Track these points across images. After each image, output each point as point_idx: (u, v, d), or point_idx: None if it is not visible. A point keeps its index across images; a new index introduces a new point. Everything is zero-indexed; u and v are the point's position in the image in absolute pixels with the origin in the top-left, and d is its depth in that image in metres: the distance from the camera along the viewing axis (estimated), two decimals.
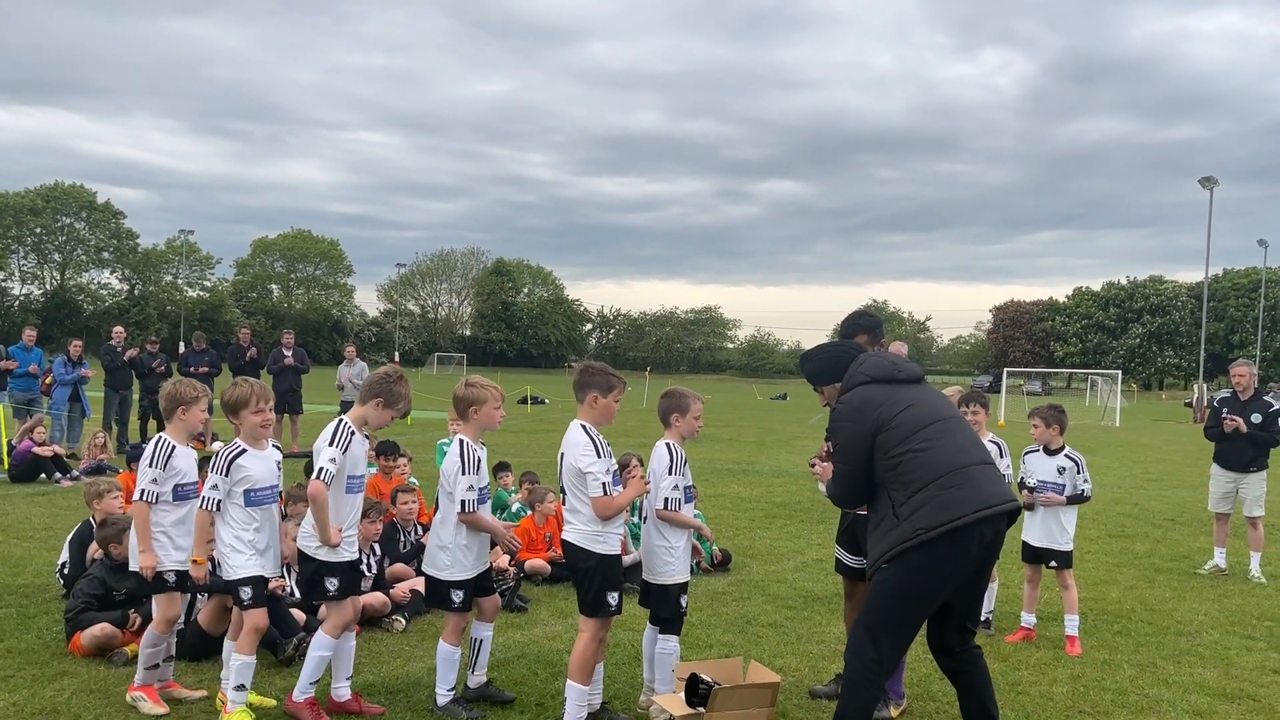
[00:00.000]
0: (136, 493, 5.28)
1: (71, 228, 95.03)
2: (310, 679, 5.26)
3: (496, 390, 5.64)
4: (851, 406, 4.84)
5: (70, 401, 16.78)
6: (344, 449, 5.22)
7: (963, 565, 4.56)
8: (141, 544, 5.28)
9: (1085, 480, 7.37)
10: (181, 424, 5.46)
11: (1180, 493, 16.60)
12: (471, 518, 5.42)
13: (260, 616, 5.22)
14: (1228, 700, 6.13)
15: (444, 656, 5.49)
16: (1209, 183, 53.44)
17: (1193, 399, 51.32)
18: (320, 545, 5.24)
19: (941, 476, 4.55)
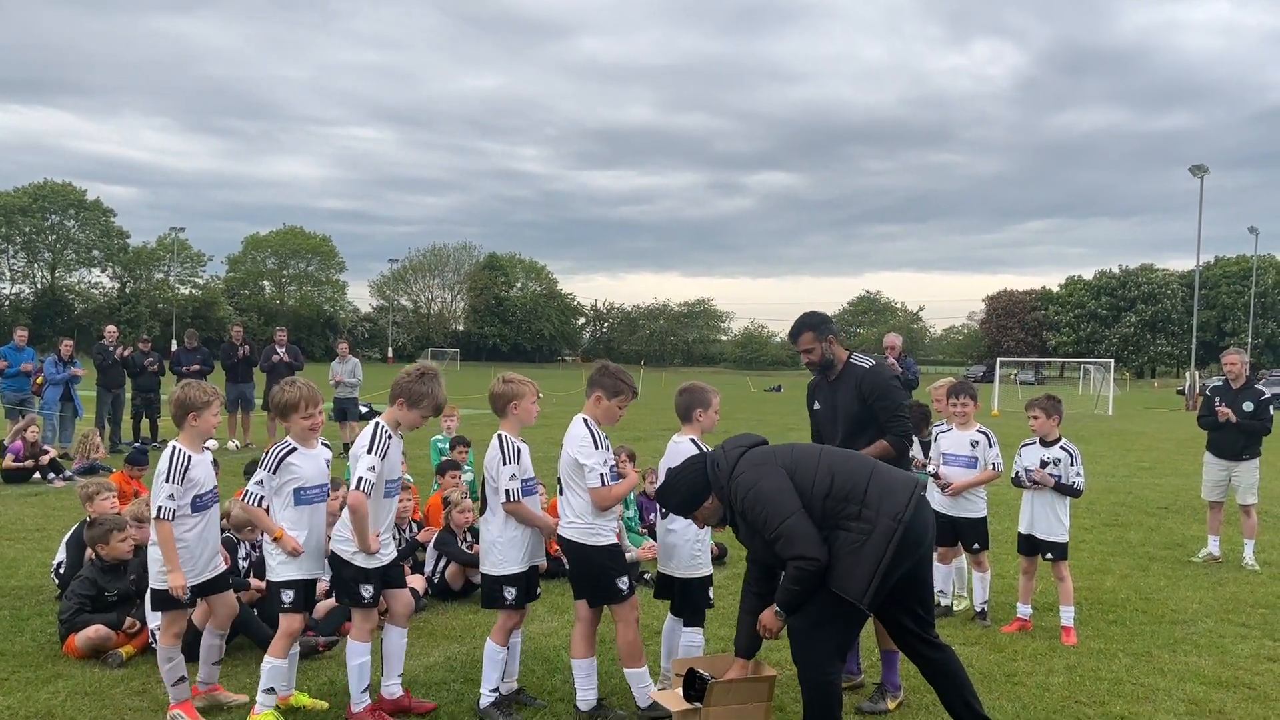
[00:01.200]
0: (154, 510, 5.08)
1: (61, 226, 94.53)
2: (359, 688, 5.24)
3: (533, 385, 5.64)
4: (753, 465, 4.73)
5: (62, 401, 16.71)
6: (383, 455, 5.16)
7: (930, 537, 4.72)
8: (169, 564, 5.06)
9: (1078, 474, 7.37)
10: (194, 430, 5.25)
11: (1173, 481, 16.65)
12: (516, 507, 5.37)
13: (297, 621, 5.18)
14: (1223, 689, 6.15)
15: (490, 656, 5.44)
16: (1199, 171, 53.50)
17: (1185, 387, 51.47)
18: (357, 551, 5.19)
19: (872, 470, 4.69)
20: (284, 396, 5.26)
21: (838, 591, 4.51)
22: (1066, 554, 7.36)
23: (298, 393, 5.25)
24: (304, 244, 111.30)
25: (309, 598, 5.41)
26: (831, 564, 4.53)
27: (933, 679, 4.91)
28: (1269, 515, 12.51)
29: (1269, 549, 10.59)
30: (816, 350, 5.95)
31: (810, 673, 4.61)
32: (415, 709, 5.43)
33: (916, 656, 4.92)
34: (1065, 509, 7.39)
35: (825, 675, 4.59)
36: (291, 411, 5.23)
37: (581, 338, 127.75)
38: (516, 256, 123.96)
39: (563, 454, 5.44)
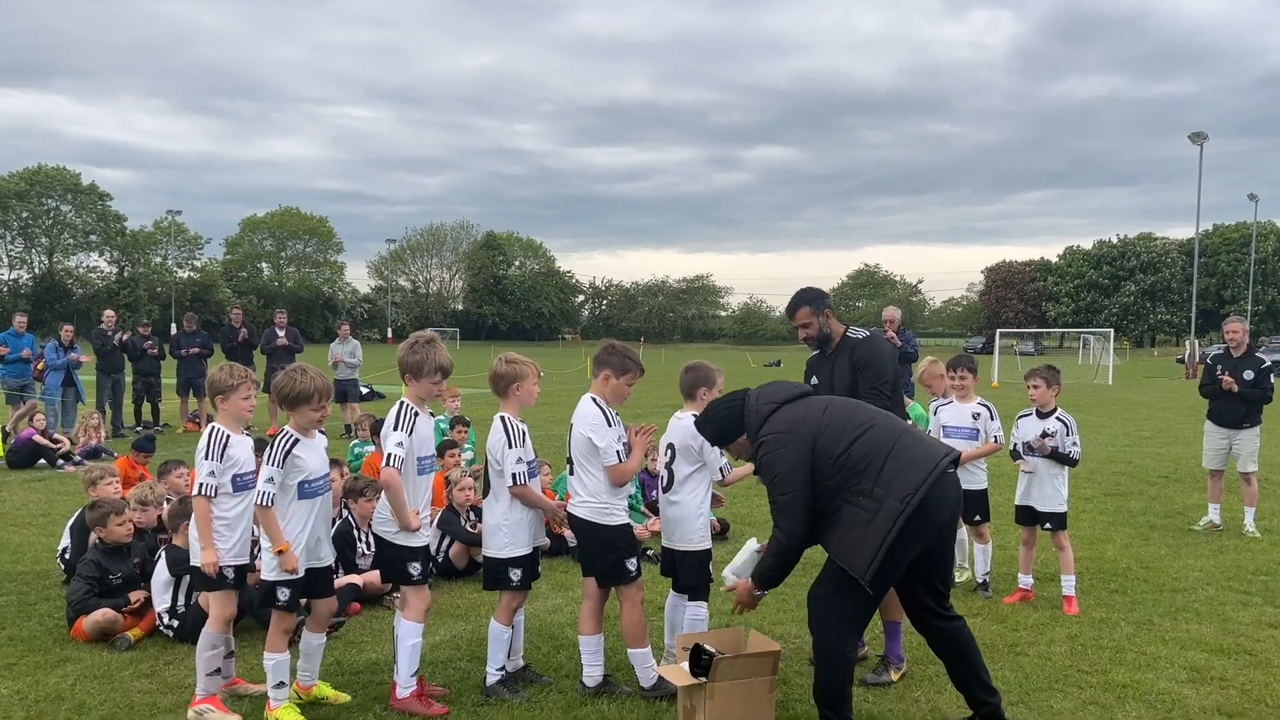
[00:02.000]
0: (195, 487, 5.05)
1: (57, 211, 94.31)
2: (409, 672, 5.19)
3: (534, 366, 5.62)
4: (779, 430, 4.73)
5: (64, 386, 16.73)
6: (409, 431, 5.12)
7: (945, 513, 4.61)
8: (203, 540, 5.01)
9: (1075, 443, 7.38)
10: (224, 413, 5.22)
11: (1174, 449, 16.69)
12: (522, 490, 5.39)
13: (291, 619, 5.09)
14: (1224, 655, 6.19)
15: (495, 636, 5.46)
16: (1198, 138, 53.28)
17: (1184, 355, 51.48)
18: (399, 530, 5.16)
19: (893, 446, 4.60)
20: (297, 387, 5.08)
21: (843, 565, 4.53)
22: (1065, 524, 7.39)
23: (310, 384, 5.09)
24: (301, 225, 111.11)
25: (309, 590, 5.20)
26: (840, 535, 4.55)
27: (943, 651, 4.91)
28: (1269, 483, 12.55)
29: (1269, 516, 10.63)
30: (814, 325, 5.94)
31: (824, 644, 4.64)
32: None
33: (928, 629, 4.92)
34: (1063, 479, 7.40)
35: (839, 648, 4.61)
36: (303, 403, 5.09)
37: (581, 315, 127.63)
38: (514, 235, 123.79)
39: (574, 434, 5.45)
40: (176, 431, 17.77)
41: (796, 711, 5.23)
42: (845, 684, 4.63)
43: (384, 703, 5.26)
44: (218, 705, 5.01)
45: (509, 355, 5.64)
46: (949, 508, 4.66)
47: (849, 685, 4.65)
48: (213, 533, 5.03)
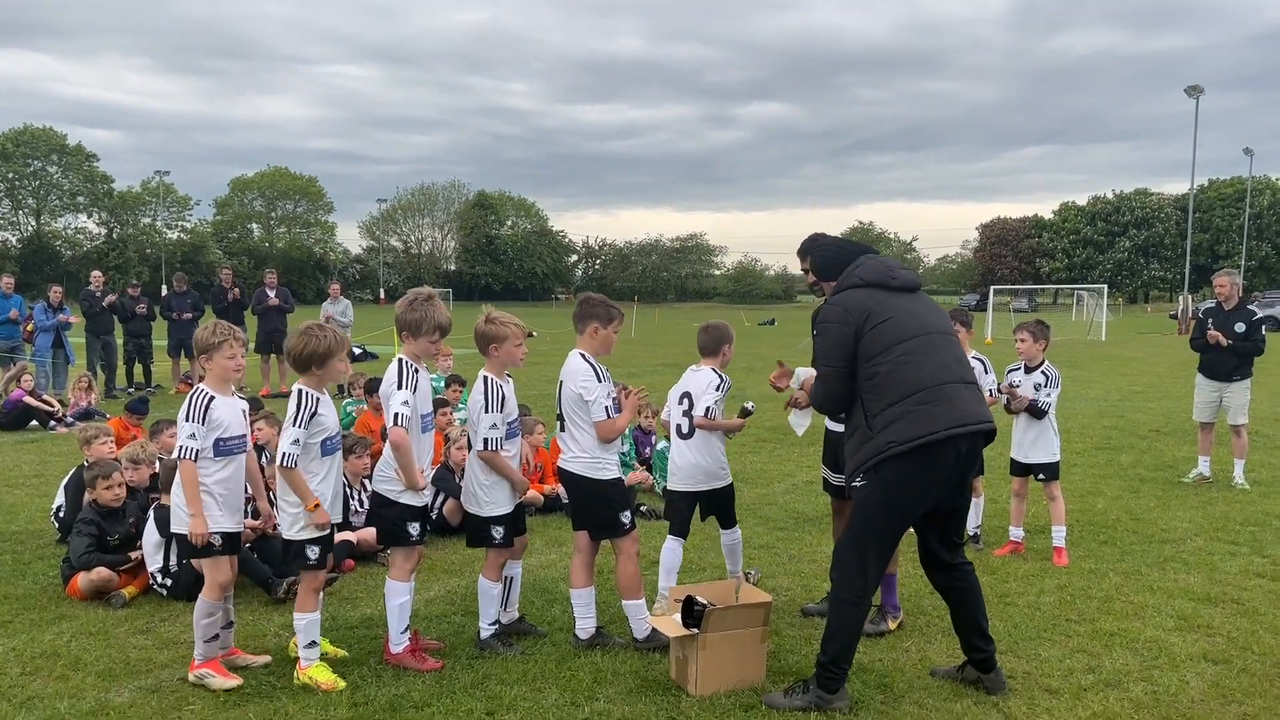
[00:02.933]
0: (176, 450, 4.89)
1: (44, 171, 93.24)
2: (399, 629, 5.21)
3: (519, 327, 5.53)
4: (840, 308, 4.79)
5: (54, 348, 16.66)
6: (413, 389, 5.08)
7: (938, 480, 4.59)
8: (191, 507, 4.85)
9: (1048, 395, 7.40)
10: (210, 373, 5.02)
11: (1165, 404, 16.76)
12: (490, 456, 5.36)
13: (321, 577, 5.06)
14: (1211, 604, 6.26)
15: (484, 592, 5.49)
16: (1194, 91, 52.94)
17: (1177, 311, 51.57)
18: (404, 490, 5.13)
19: (918, 392, 4.54)
20: (322, 345, 4.99)
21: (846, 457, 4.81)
22: (1058, 474, 7.44)
23: (331, 339, 5.02)
24: (291, 185, 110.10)
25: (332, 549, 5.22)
26: (849, 433, 4.80)
27: (946, 594, 4.98)
28: (1259, 435, 12.63)
29: (1259, 468, 10.71)
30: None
31: (841, 591, 4.70)
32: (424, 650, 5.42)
33: (936, 574, 4.98)
34: (1054, 430, 7.44)
35: (856, 597, 4.65)
36: (331, 359, 5.02)
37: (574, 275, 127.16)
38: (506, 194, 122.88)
39: (564, 390, 5.45)
40: (169, 393, 17.73)
41: (788, 662, 5.28)
42: (852, 634, 4.67)
43: (379, 657, 5.30)
44: (218, 669, 4.93)
45: (492, 314, 5.55)
46: (959, 464, 4.60)
47: (856, 638, 4.70)
48: (201, 499, 4.86)
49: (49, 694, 4.86)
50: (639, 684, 4.99)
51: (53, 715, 4.62)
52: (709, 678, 4.85)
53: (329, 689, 4.87)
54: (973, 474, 4.88)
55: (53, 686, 4.96)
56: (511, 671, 5.14)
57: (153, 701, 4.77)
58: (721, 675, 4.88)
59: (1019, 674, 5.13)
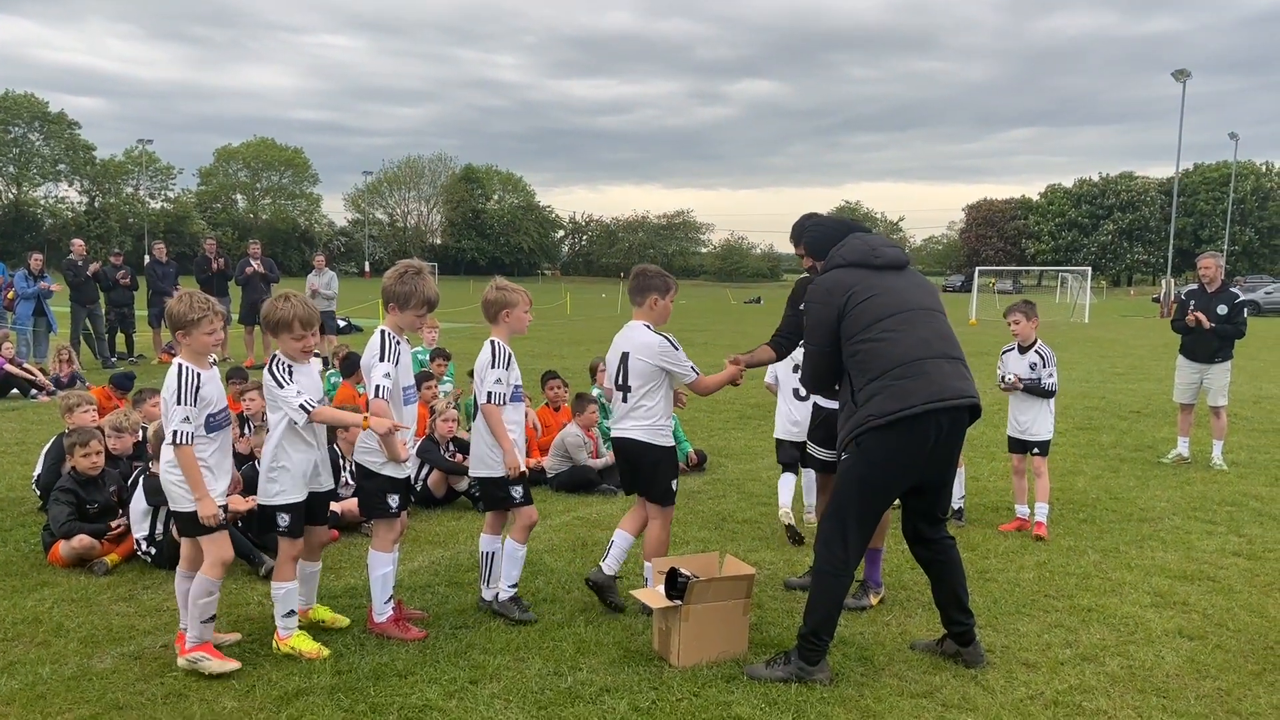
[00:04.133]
0: (170, 436, 4.66)
1: (25, 139, 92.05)
2: (383, 599, 5.21)
3: (526, 294, 5.57)
4: (823, 288, 4.85)
5: (35, 316, 16.51)
6: (395, 361, 5.06)
7: (918, 455, 4.63)
8: (196, 491, 4.67)
9: (1050, 375, 7.50)
10: (188, 349, 4.78)
11: (1146, 385, 16.89)
12: (490, 410, 5.36)
13: (297, 545, 5.03)
14: (1188, 581, 6.34)
15: (510, 554, 5.50)
16: (1182, 75, 53.04)
17: (1160, 294, 51.88)
18: (386, 461, 5.11)
19: (897, 367, 4.59)
20: (278, 314, 4.92)
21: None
22: (1048, 451, 7.57)
23: (291, 310, 4.92)
24: (276, 156, 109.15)
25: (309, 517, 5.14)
26: (839, 406, 4.88)
27: (927, 566, 5.03)
28: (1238, 418, 12.75)
29: (1237, 450, 10.81)
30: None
31: (824, 563, 4.74)
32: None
33: (918, 548, 5.03)
34: (1048, 408, 7.56)
35: (837, 569, 4.70)
36: (284, 330, 4.93)
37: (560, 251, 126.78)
38: (493, 168, 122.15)
39: (630, 361, 5.51)
40: (151, 363, 17.64)
41: (770, 635, 5.32)
42: (834, 606, 4.71)
43: (363, 626, 5.31)
44: (213, 652, 4.77)
45: (500, 281, 5.59)
46: (941, 440, 4.63)
47: (837, 610, 4.74)
48: (203, 481, 4.69)
49: (31, 659, 4.86)
50: (622, 654, 5.02)
51: (35, 680, 4.61)
52: (691, 649, 4.88)
53: (313, 657, 4.88)
54: (958, 450, 4.91)
55: (34, 652, 4.95)
56: (495, 641, 5.17)
57: (135, 668, 4.78)
58: (704, 647, 4.91)
59: (997, 648, 5.19)
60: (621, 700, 4.48)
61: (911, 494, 4.89)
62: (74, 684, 4.58)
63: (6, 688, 4.54)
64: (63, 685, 4.56)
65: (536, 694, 4.55)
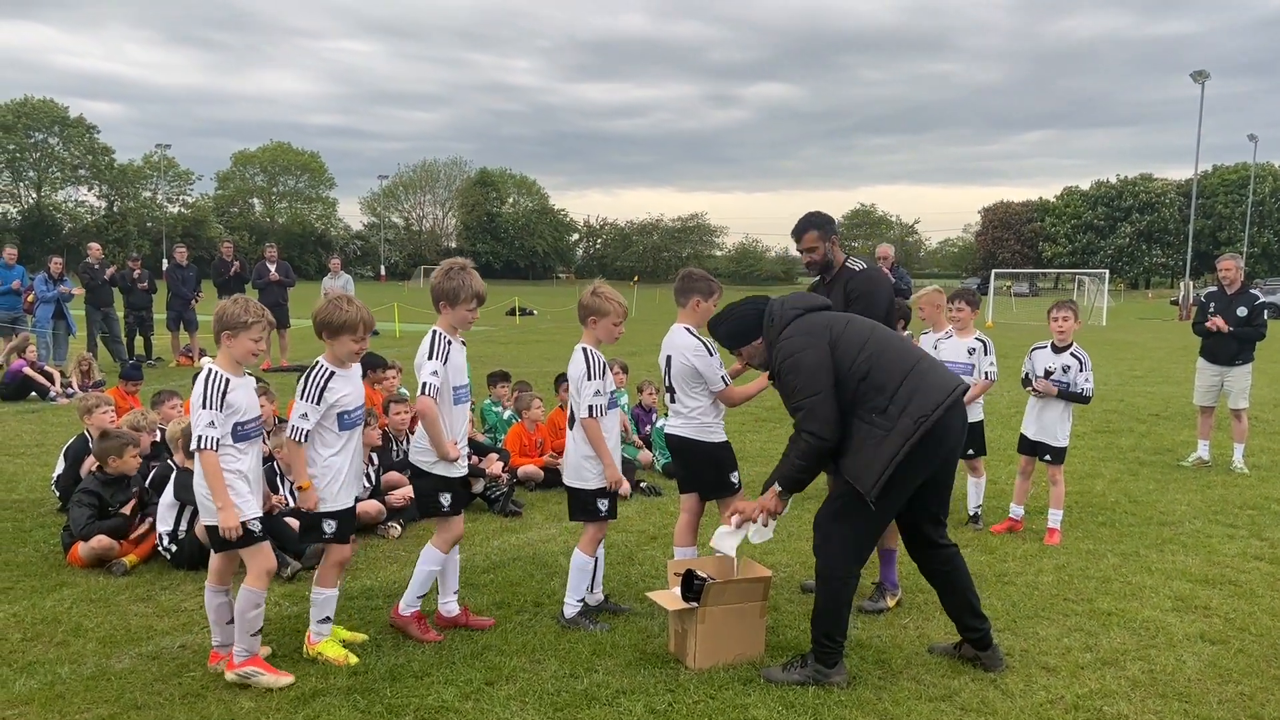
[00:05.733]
0: (194, 441, 4.49)
1: (45, 144, 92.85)
2: (417, 593, 5.19)
3: (621, 307, 5.52)
4: (802, 333, 4.74)
5: (55, 319, 16.64)
6: (444, 360, 5.04)
7: (950, 446, 4.62)
8: (218, 499, 4.50)
9: (1087, 380, 7.38)
10: (228, 352, 4.65)
11: (1165, 388, 16.76)
12: (591, 423, 5.35)
13: (346, 550, 4.98)
14: (1209, 586, 6.27)
15: (579, 567, 5.46)
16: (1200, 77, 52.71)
17: (1179, 297, 51.50)
18: (436, 461, 5.10)
19: (912, 367, 4.60)
20: (342, 316, 4.82)
21: (849, 480, 4.57)
22: (1064, 459, 7.46)
23: (356, 312, 4.86)
24: (293, 160, 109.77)
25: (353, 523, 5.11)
26: (851, 452, 4.58)
27: (936, 578, 4.97)
28: (1259, 420, 12.63)
29: (1258, 453, 10.71)
30: (819, 250, 5.84)
31: (826, 568, 4.69)
32: (473, 625, 5.39)
33: (922, 557, 4.98)
34: (1068, 415, 7.45)
35: (840, 572, 4.66)
36: (346, 333, 4.84)
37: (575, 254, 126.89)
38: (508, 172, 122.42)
39: (673, 363, 5.56)
40: (169, 365, 17.74)
41: (787, 637, 5.30)
42: (843, 609, 4.68)
43: (379, 627, 5.32)
44: (265, 666, 4.67)
45: (598, 288, 5.54)
46: (957, 435, 4.67)
47: (846, 611, 4.71)
48: (228, 489, 4.54)
49: (50, 659, 4.88)
50: (638, 657, 5.01)
51: (54, 680, 4.63)
52: (708, 651, 4.86)
53: (340, 664, 4.84)
54: (964, 439, 4.88)
55: (54, 652, 4.98)
56: (511, 643, 5.16)
57: (153, 668, 4.79)
58: (720, 649, 4.89)
59: (1016, 652, 5.15)
60: (637, 702, 4.47)
61: (917, 499, 4.76)
62: (92, 684, 4.60)
63: (26, 687, 4.56)
64: (81, 685, 4.58)
65: (552, 696, 4.54)
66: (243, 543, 4.61)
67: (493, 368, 11.33)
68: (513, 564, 6.56)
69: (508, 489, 8.13)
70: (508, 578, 6.25)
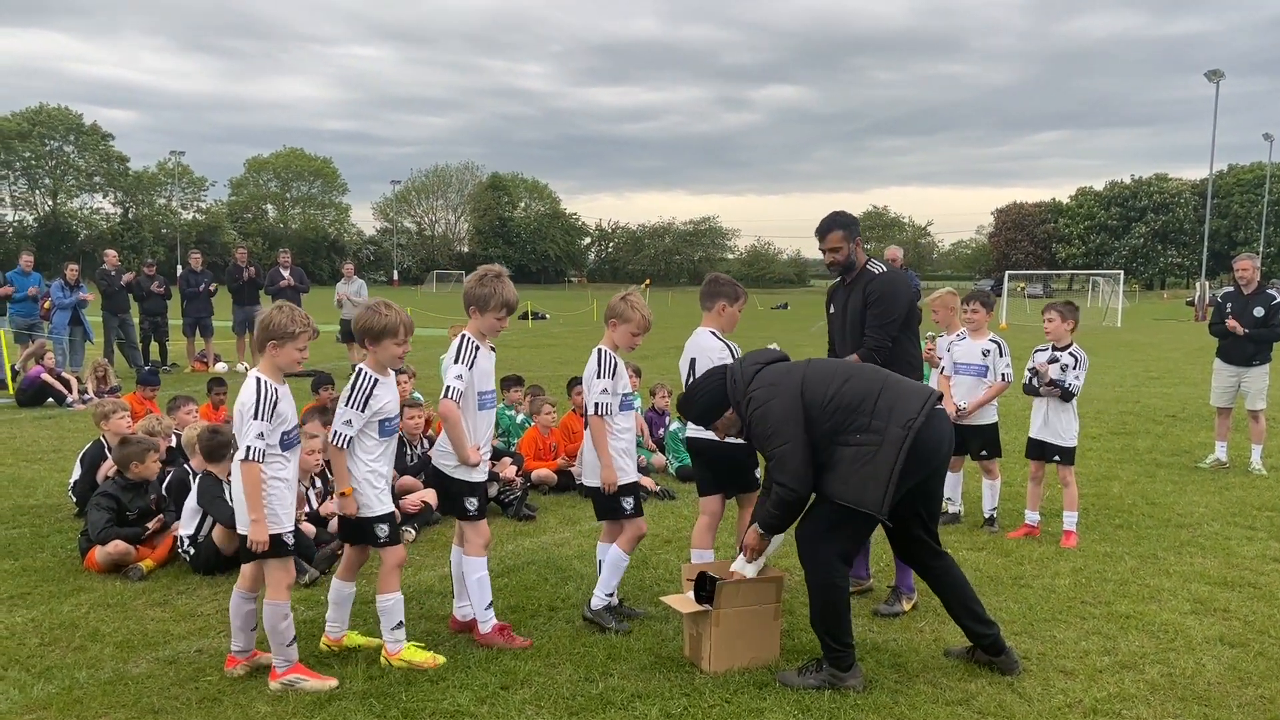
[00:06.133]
0: (243, 451, 4.48)
1: (60, 151, 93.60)
2: (483, 605, 5.17)
3: (645, 320, 5.56)
4: (767, 384, 4.72)
5: (71, 325, 16.74)
6: (470, 364, 5.05)
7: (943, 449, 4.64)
8: (253, 511, 4.48)
9: (1077, 377, 7.35)
10: (272, 361, 4.64)
11: (1181, 389, 16.65)
12: (598, 421, 5.38)
13: (400, 552, 4.98)
14: (1228, 588, 6.22)
15: (613, 562, 5.49)
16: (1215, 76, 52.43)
17: (1194, 297, 51.19)
18: (458, 465, 5.09)
19: (883, 383, 4.64)
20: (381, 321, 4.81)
21: (853, 506, 4.52)
22: (1073, 459, 7.41)
23: (395, 317, 4.86)
24: (306, 166, 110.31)
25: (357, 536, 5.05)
26: (843, 478, 4.54)
27: (935, 585, 4.96)
28: (1277, 421, 12.53)
29: (1277, 454, 10.63)
30: (843, 250, 5.80)
31: (816, 576, 4.68)
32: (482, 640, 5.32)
33: (919, 565, 4.97)
34: (1073, 414, 7.40)
35: (830, 578, 4.65)
36: (386, 336, 4.84)
37: (587, 258, 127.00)
38: (519, 176, 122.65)
39: (696, 365, 5.59)
40: (184, 371, 17.83)
41: (802, 641, 5.28)
42: (841, 610, 4.67)
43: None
44: (307, 672, 4.69)
45: (630, 295, 5.59)
46: (947, 438, 4.69)
47: (845, 611, 4.70)
48: (270, 499, 4.55)
49: (67, 664, 4.91)
50: (652, 661, 5.00)
51: (71, 685, 4.66)
52: (722, 655, 4.85)
53: (431, 666, 4.81)
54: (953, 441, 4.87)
55: (71, 657, 5.01)
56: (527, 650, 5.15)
57: (170, 672, 4.81)
58: (735, 652, 4.88)
59: (1034, 655, 5.12)
60: (653, 706, 4.46)
61: (910, 504, 4.74)
62: (110, 688, 4.62)
63: (44, 692, 4.58)
64: (99, 689, 4.61)
65: (567, 700, 4.53)
66: (271, 554, 4.61)
67: (506, 372, 11.34)
68: (527, 568, 6.56)
69: (521, 493, 8.14)
70: (522, 582, 6.25)
